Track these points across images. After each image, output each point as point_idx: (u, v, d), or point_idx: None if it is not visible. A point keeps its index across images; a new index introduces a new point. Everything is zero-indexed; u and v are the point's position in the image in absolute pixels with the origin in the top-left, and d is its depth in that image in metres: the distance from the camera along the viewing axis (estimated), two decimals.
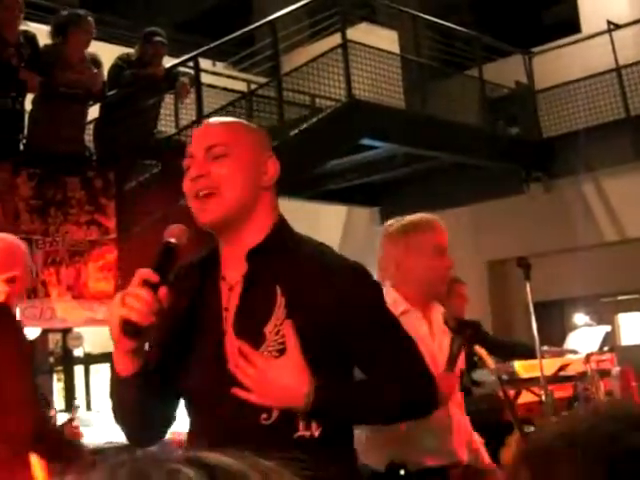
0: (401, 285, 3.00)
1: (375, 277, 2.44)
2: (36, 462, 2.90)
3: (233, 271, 2.01)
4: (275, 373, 1.87)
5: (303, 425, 1.91)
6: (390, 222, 3.12)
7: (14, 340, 2.95)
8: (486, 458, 3.21)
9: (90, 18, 7.09)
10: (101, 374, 12.24)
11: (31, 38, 6.94)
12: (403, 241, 3.01)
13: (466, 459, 3.03)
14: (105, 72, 7.36)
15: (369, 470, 2.86)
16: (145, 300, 1.81)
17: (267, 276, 1.96)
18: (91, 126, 7.51)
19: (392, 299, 2.79)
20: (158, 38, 7.56)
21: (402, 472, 2.85)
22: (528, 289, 3.78)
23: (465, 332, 2.95)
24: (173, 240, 1.92)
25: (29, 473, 2.85)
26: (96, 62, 7.19)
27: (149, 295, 1.82)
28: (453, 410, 3.02)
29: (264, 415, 1.90)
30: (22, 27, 6.91)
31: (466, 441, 3.07)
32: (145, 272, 1.86)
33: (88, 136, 7.42)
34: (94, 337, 12.57)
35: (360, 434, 2.74)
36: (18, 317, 3.25)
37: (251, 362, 1.89)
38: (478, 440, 3.22)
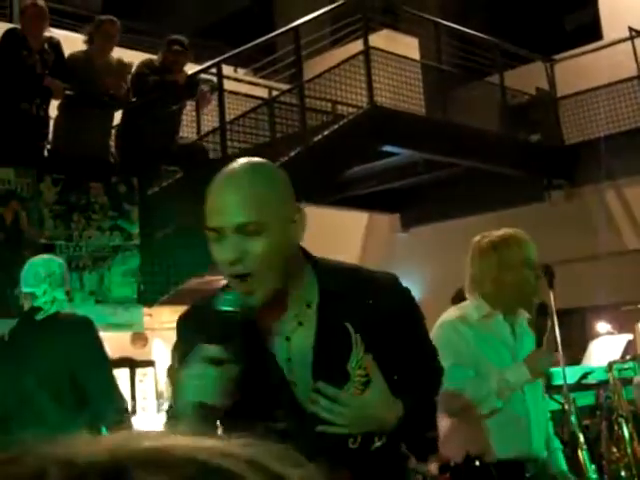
0: (495, 296, 3.25)
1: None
2: None
3: (282, 321, 1.96)
4: (370, 408, 1.94)
5: (378, 437, 1.99)
6: (477, 238, 3.35)
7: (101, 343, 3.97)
8: (563, 464, 3.33)
9: (115, 23, 7.13)
10: (120, 379, 12.30)
11: (56, 45, 7.00)
12: (495, 258, 3.26)
13: (544, 455, 3.14)
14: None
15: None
16: (215, 380, 1.75)
17: (334, 317, 1.95)
18: (114, 131, 7.56)
19: (475, 305, 3.23)
20: (176, 46, 7.59)
21: (477, 463, 2.96)
22: (552, 297, 3.77)
23: (547, 312, 3.23)
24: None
25: None
26: (122, 67, 7.23)
27: (218, 374, 1.76)
28: (532, 401, 3.18)
29: (351, 440, 1.95)
30: (46, 34, 6.97)
31: (545, 435, 3.21)
32: (211, 350, 1.78)
33: (112, 142, 7.47)
34: (114, 342, 12.64)
35: (441, 426, 3.01)
36: None
37: (342, 403, 1.91)
38: (558, 445, 3.35)
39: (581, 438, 4.25)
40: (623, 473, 4.91)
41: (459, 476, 3.06)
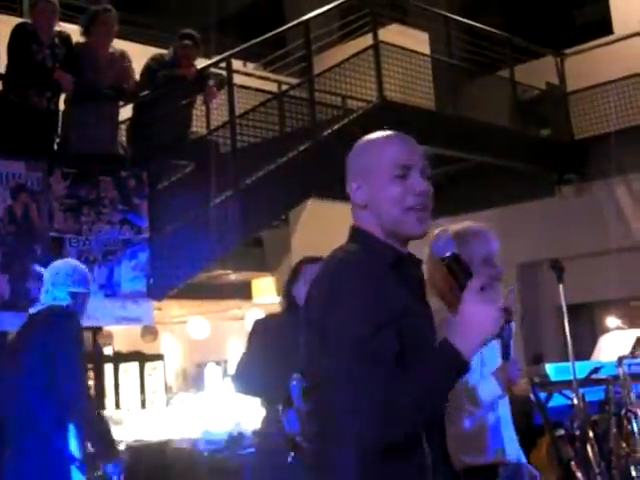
0: (452, 297, 2.89)
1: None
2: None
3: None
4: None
5: None
6: (436, 231, 3.01)
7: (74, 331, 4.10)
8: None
9: (110, 11, 7.07)
10: (130, 373, 12.32)
11: (66, 39, 7.00)
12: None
13: (515, 458, 3.08)
14: (137, 72, 7.40)
15: None
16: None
17: None
18: (124, 126, 7.56)
19: (438, 307, 2.85)
20: (185, 40, 7.57)
21: None
22: (561, 292, 3.77)
23: (511, 319, 2.99)
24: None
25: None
26: (125, 58, 7.20)
27: None
28: (501, 407, 3.08)
29: None
30: (57, 28, 6.97)
31: (514, 439, 3.13)
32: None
33: (121, 135, 7.47)
34: (123, 336, 12.67)
35: None
36: None
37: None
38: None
39: (590, 433, 4.25)
40: (632, 468, 4.91)
41: None
